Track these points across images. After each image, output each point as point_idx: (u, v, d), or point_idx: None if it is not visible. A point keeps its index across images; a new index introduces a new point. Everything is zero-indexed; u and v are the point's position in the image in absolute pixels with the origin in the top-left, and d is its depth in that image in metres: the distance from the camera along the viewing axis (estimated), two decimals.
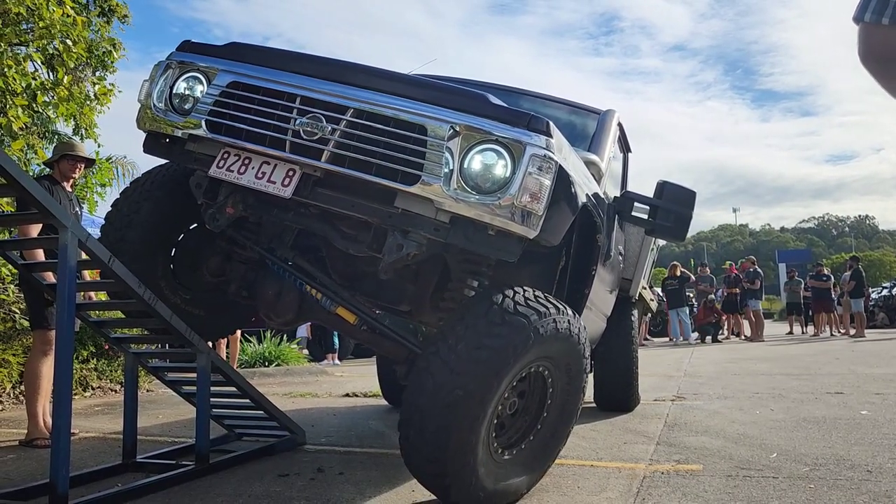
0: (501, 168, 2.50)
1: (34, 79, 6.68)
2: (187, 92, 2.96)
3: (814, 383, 6.76)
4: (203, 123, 2.86)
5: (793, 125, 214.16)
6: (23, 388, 5.93)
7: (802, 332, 17.61)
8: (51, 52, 6.90)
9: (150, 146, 3.08)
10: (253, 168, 2.74)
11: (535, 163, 2.47)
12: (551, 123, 2.60)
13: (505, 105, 2.68)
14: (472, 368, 2.44)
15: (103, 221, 3.35)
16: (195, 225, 3.46)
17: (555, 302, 2.72)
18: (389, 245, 2.73)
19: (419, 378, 2.52)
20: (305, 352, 11.43)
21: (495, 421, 2.68)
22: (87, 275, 4.55)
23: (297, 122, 2.69)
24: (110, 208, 3.35)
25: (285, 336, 10.32)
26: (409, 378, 2.64)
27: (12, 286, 6.34)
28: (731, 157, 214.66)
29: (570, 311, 2.78)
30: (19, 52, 6.87)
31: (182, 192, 3.23)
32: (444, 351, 2.49)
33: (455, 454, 2.47)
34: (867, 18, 1.23)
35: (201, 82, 2.95)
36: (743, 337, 15.99)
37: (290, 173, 2.69)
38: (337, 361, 10.87)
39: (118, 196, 3.39)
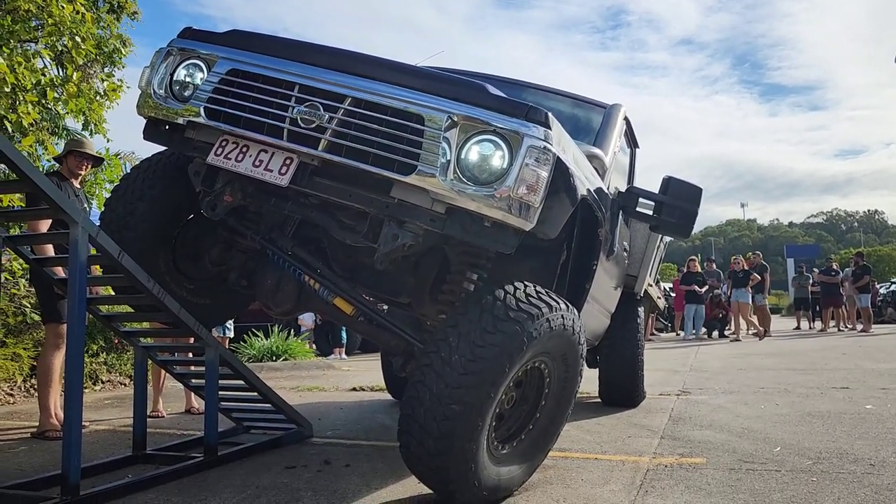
0: (499, 159, 2.47)
1: (44, 75, 6.75)
2: (187, 79, 2.96)
3: (819, 378, 6.76)
4: (202, 111, 2.85)
5: (801, 119, 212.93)
6: (34, 381, 6.01)
7: (810, 328, 17.57)
8: (60, 48, 6.97)
9: (150, 133, 3.09)
10: (250, 156, 2.73)
11: (532, 154, 2.45)
12: (550, 115, 2.58)
13: (504, 95, 2.66)
14: (468, 380, 2.43)
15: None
16: (193, 216, 3.43)
17: (547, 300, 2.68)
18: (385, 235, 2.72)
19: (416, 390, 2.51)
20: (313, 346, 11.47)
21: (493, 423, 2.68)
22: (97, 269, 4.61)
23: (295, 110, 2.68)
24: (104, 208, 3.31)
25: (292, 331, 10.38)
26: (405, 389, 2.62)
27: (23, 280, 6.41)
28: (740, 151, 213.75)
29: (563, 306, 2.75)
30: (29, 48, 6.94)
31: (177, 184, 3.21)
32: (438, 364, 2.47)
33: (456, 463, 2.49)
34: None
35: (201, 69, 2.94)
36: (750, 332, 15.93)
37: (288, 162, 2.69)
38: (344, 356, 10.92)
39: (110, 196, 3.35)
